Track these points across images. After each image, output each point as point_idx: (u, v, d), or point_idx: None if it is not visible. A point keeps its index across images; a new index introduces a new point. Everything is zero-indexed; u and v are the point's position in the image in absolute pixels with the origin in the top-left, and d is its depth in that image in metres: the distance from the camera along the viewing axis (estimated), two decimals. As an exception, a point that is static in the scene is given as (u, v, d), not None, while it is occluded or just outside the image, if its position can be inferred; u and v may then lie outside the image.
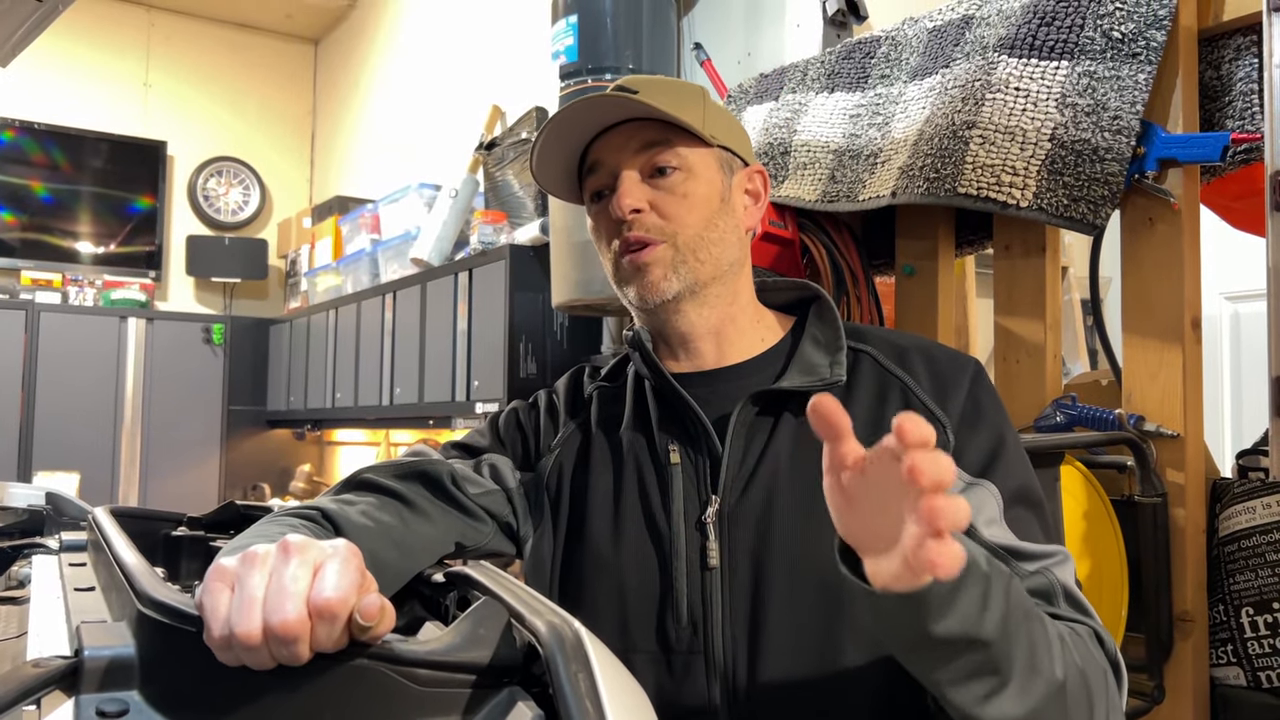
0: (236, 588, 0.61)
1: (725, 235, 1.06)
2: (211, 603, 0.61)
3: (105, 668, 0.66)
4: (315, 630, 0.60)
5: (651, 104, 1.00)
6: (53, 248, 5.18)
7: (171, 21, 5.59)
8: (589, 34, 2.70)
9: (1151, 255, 1.40)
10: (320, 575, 0.62)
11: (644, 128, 1.04)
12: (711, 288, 1.05)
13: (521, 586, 0.78)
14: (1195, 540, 1.35)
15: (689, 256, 1.03)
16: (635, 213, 1.02)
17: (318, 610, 0.59)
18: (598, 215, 1.09)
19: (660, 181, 1.04)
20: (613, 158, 1.05)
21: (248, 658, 0.60)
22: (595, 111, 1.04)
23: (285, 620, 0.58)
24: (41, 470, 4.49)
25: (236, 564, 0.63)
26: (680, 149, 1.04)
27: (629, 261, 1.04)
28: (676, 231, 1.03)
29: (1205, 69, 1.42)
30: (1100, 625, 0.88)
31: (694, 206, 1.04)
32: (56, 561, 1.24)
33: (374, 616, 0.61)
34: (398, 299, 3.69)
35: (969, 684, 0.72)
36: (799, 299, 1.14)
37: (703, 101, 1.08)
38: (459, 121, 4.03)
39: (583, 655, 0.62)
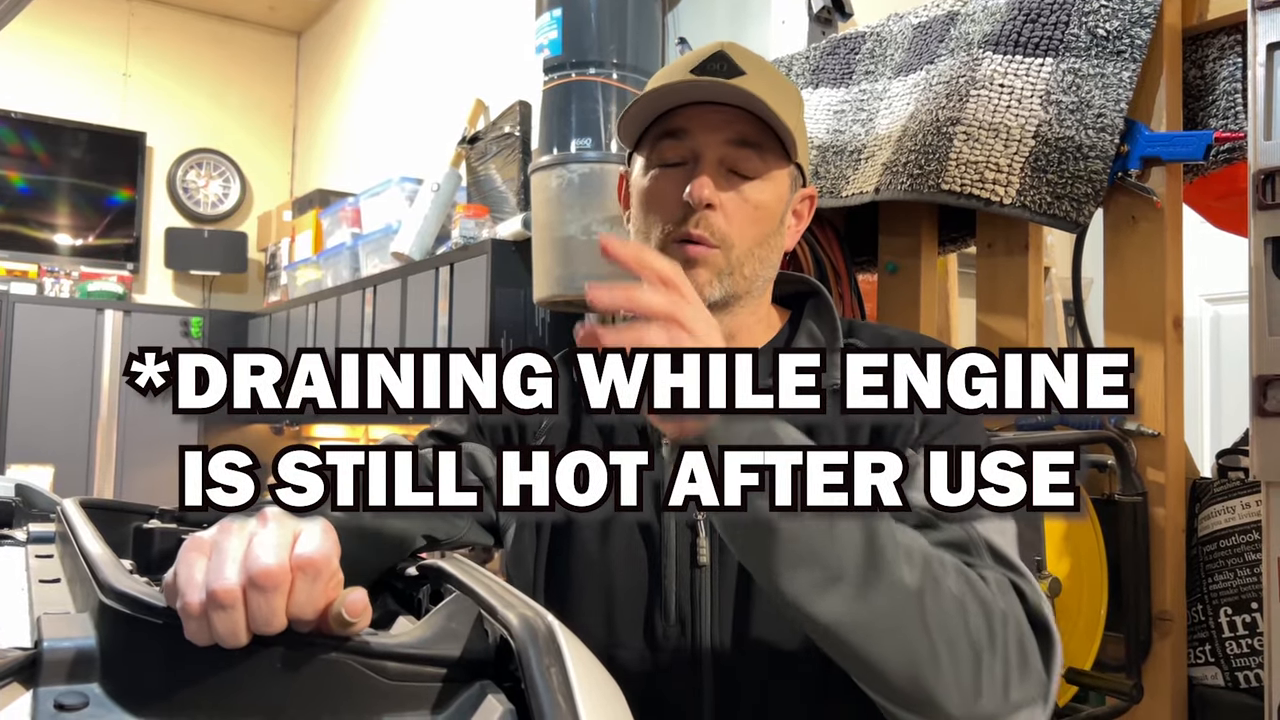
0: (214, 552, 0.60)
1: (771, 254, 1.03)
2: (186, 571, 0.60)
3: (65, 660, 0.65)
4: (296, 585, 0.59)
5: (772, 106, 0.95)
6: (29, 239, 5.13)
7: (152, 11, 5.54)
8: (573, 27, 2.68)
9: (1134, 253, 1.39)
10: (300, 537, 0.61)
11: (743, 118, 0.98)
12: (742, 300, 1.03)
13: (494, 580, 0.76)
14: (1175, 540, 1.35)
15: (736, 270, 1.00)
16: (708, 207, 0.98)
17: (301, 564, 0.59)
18: (660, 181, 1.01)
19: (739, 182, 0.99)
20: (702, 136, 0.99)
21: (221, 621, 0.58)
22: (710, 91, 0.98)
23: (267, 568, 0.58)
24: (15, 463, 4.44)
25: (213, 533, 0.62)
26: (769, 157, 1.00)
27: (682, 250, 0.99)
28: (734, 242, 0.99)
29: (1189, 68, 1.42)
30: (1030, 584, 0.85)
31: (758, 220, 1.00)
32: (23, 553, 1.22)
33: (358, 613, 0.60)
34: (378, 293, 3.66)
35: (794, 571, 0.74)
36: (797, 293, 1.12)
37: (800, 109, 1.04)
38: (442, 115, 4.01)
39: (555, 649, 0.61)
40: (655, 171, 1.02)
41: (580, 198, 2.37)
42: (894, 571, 0.75)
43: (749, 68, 0.99)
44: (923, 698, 0.77)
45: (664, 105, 1.01)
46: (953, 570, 0.79)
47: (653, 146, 1.03)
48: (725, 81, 0.96)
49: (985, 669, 0.77)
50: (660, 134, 1.02)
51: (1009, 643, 0.79)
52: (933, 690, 0.76)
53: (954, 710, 0.77)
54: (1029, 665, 0.80)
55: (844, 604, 0.74)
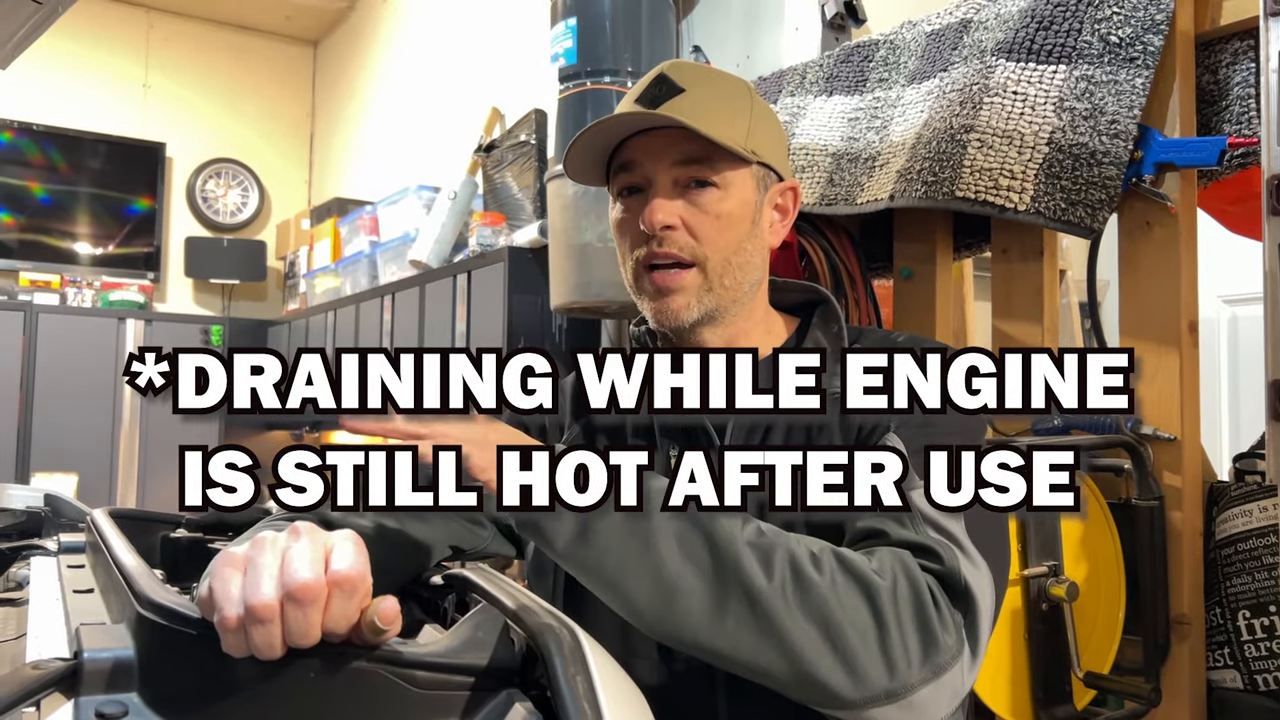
0: (249, 568, 0.61)
1: (751, 257, 1.05)
2: (221, 586, 0.61)
3: (104, 670, 0.66)
4: (331, 600, 0.60)
5: (697, 123, 0.97)
6: (51, 249, 5.18)
7: (171, 23, 5.59)
8: (588, 36, 2.70)
9: (1148, 259, 1.40)
10: (334, 553, 0.62)
11: (686, 137, 1.00)
12: (730, 310, 1.05)
13: (520, 589, 0.78)
14: (1192, 543, 1.36)
15: (715, 284, 1.02)
16: (667, 229, 1.00)
17: (337, 581, 0.60)
18: (625, 212, 1.05)
19: (695, 197, 1.01)
20: (650, 164, 1.02)
21: (259, 635, 0.59)
22: (640, 121, 1.01)
23: (304, 582, 0.59)
24: (39, 471, 4.49)
25: (247, 548, 0.63)
26: (720, 166, 1.01)
27: (653, 281, 1.02)
28: (707, 255, 1.01)
29: (1202, 73, 1.42)
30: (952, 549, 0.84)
31: (725, 228, 1.02)
32: (55, 563, 1.24)
33: (390, 620, 0.62)
34: (396, 301, 3.69)
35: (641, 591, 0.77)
36: (805, 301, 1.13)
37: (749, 110, 1.05)
38: (458, 123, 4.03)
39: (580, 658, 0.63)
40: (621, 202, 1.06)
41: (596, 205, 2.39)
42: (745, 578, 0.77)
43: (690, 85, 1.01)
44: (810, 686, 0.78)
45: (602, 142, 1.04)
46: (826, 559, 0.80)
47: (614, 179, 1.06)
48: (651, 112, 0.99)
49: (874, 649, 0.77)
50: (617, 168, 1.06)
51: (902, 618, 0.79)
52: (818, 674, 0.77)
53: (847, 693, 0.77)
54: (932, 637, 0.79)
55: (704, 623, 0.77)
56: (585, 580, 0.80)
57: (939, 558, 0.83)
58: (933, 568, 0.83)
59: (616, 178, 1.06)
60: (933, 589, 0.82)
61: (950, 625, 0.81)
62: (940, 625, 0.80)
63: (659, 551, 0.77)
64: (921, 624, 0.79)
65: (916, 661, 0.79)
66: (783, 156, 1.11)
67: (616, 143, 1.05)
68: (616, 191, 1.07)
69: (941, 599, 0.82)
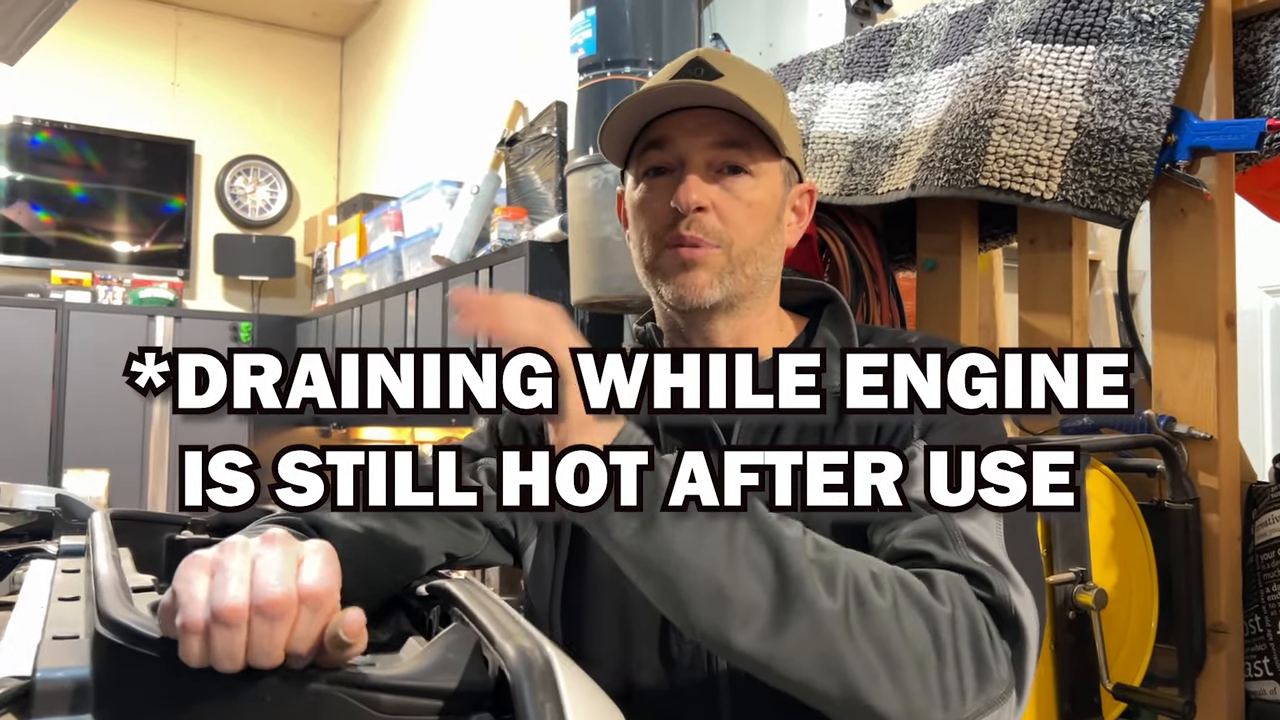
0: (216, 571, 0.59)
1: (772, 251, 1.02)
2: (186, 589, 0.58)
3: (59, 691, 0.64)
4: (299, 617, 0.57)
5: (746, 100, 0.95)
6: (85, 246, 5.23)
7: (199, 21, 5.62)
8: (607, 26, 2.66)
9: (1183, 248, 1.33)
10: (304, 566, 0.60)
11: (725, 119, 0.98)
12: (747, 300, 1.02)
13: (500, 605, 0.74)
14: (1229, 547, 1.29)
15: (738, 269, 0.99)
16: (699, 210, 0.97)
17: (305, 596, 0.58)
18: (650, 191, 1.01)
19: (729, 182, 0.99)
20: (685, 141, 0.99)
21: (222, 641, 0.56)
22: (683, 94, 0.98)
23: (274, 595, 0.56)
24: (71, 468, 4.53)
25: (215, 551, 0.61)
26: (756, 154, 0.99)
27: (676, 254, 0.98)
28: (733, 240, 0.98)
29: (1240, 52, 1.35)
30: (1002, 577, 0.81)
31: (755, 217, 0.99)
32: (52, 568, 1.22)
33: (355, 634, 0.58)
34: (420, 296, 3.67)
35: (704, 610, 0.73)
36: (815, 299, 1.09)
37: (783, 104, 1.03)
38: (482, 117, 4.00)
39: (551, 683, 0.58)
40: (645, 182, 1.02)
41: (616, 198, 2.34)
42: (810, 597, 0.73)
43: (727, 70, 0.98)
44: (861, 711, 0.74)
45: (645, 113, 1.00)
46: (888, 581, 0.76)
47: (640, 158, 1.03)
48: (702, 83, 0.96)
49: (932, 677, 0.74)
50: (645, 145, 1.02)
51: (960, 649, 0.76)
52: (873, 703, 0.73)
53: None
54: (986, 669, 0.76)
55: (759, 637, 0.72)
56: (635, 575, 0.76)
57: (990, 586, 0.80)
58: (985, 596, 0.80)
59: (643, 156, 1.02)
60: (986, 619, 0.79)
61: (1002, 657, 0.78)
62: (994, 658, 0.77)
63: (722, 555, 0.73)
64: (978, 655, 0.76)
65: (971, 694, 0.75)
66: (802, 159, 1.09)
67: (648, 120, 1.01)
68: (641, 172, 1.03)
69: (993, 629, 0.79)
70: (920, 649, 0.74)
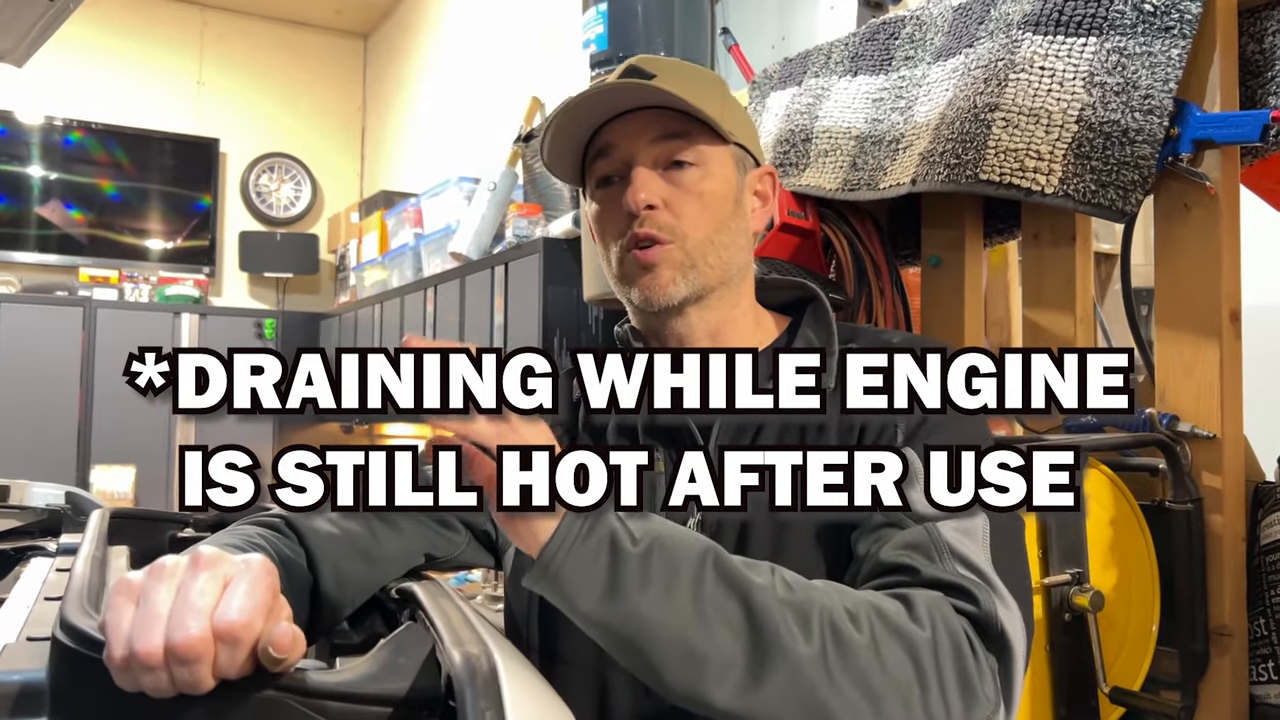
0: (141, 602, 0.59)
1: (735, 238, 1.02)
2: (115, 619, 0.59)
3: (14, 693, 0.64)
4: (218, 655, 0.57)
5: (675, 93, 0.95)
6: (117, 244, 5.30)
7: (224, 19, 5.67)
8: (619, 21, 2.65)
9: (1187, 243, 1.30)
10: (226, 595, 0.59)
11: (663, 116, 0.99)
12: (717, 292, 1.01)
13: (461, 608, 0.74)
14: (1234, 549, 1.26)
15: (699, 261, 0.99)
16: (649, 208, 0.97)
17: (219, 633, 0.57)
18: (604, 202, 1.02)
19: (676, 176, 0.99)
20: (627, 144, 1.00)
21: (147, 680, 0.57)
22: (613, 96, 0.99)
23: (188, 638, 0.56)
24: (99, 464, 4.59)
25: (143, 577, 0.61)
26: (699, 144, 0.99)
27: (635, 258, 0.99)
28: (688, 233, 0.98)
29: (1246, 42, 1.32)
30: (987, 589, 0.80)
31: (708, 206, 0.99)
32: (48, 565, 1.23)
33: (285, 649, 0.58)
34: (438, 293, 3.68)
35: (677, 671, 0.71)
36: (797, 299, 1.08)
37: (722, 94, 1.03)
38: (500, 113, 4.01)
39: (495, 691, 0.58)
40: (598, 194, 1.03)
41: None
42: (786, 644, 0.71)
43: (660, 71, 0.99)
44: None
45: (582, 125, 1.01)
46: (864, 614, 0.74)
47: (591, 171, 1.03)
48: (632, 81, 0.96)
49: (916, 707, 0.73)
50: (594, 157, 1.02)
51: (944, 673, 0.74)
52: None
53: None
54: (971, 690, 0.75)
55: (738, 692, 0.71)
56: (605, 643, 0.74)
57: (974, 599, 0.79)
58: (968, 610, 0.78)
59: (593, 168, 1.03)
60: (969, 635, 0.77)
61: (987, 674, 0.77)
62: (979, 677, 0.76)
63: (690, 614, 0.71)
64: (962, 677, 0.75)
65: (958, 717, 0.74)
66: (757, 142, 1.09)
67: (591, 132, 1.02)
68: (594, 184, 1.04)
69: (978, 646, 0.77)
70: (902, 680, 0.73)
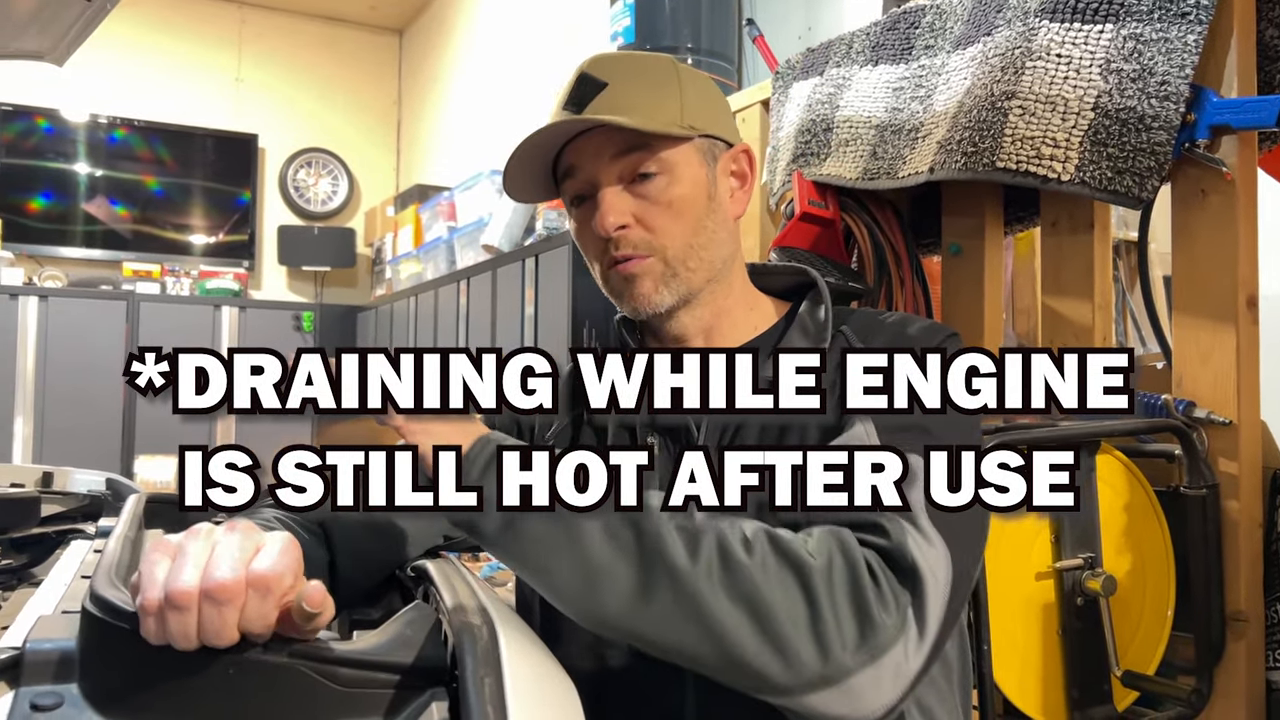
0: (178, 555, 0.62)
1: (715, 234, 1.02)
2: (149, 570, 0.62)
3: (47, 661, 0.67)
4: (248, 601, 0.60)
5: (625, 120, 0.95)
6: (160, 239, 5.40)
7: (262, 17, 5.75)
8: (646, 14, 2.66)
9: (1204, 229, 1.30)
10: (260, 553, 0.62)
11: (622, 129, 0.98)
12: (704, 291, 1.02)
13: (470, 584, 0.76)
14: (1250, 534, 1.26)
15: (679, 269, 0.99)
16: (620, 229, 0.98)
17: (252, 580, 0.60)
18: (580, 220, 1.03)
19: (643, 189, 0.99)
20: (589, 165, 1.00)
21: (175, 624, 0.59)
22: (563, 129, 0.99)
23: (223, 580, 0.59)
24: (143, 454, 4.69)
25: (181, 536, 0.64)
26: (661, 151, 0.98)
27: (618, 273, 1.00)
28: (665, 245, 0.99)
29: (1266, 26, 1.31)
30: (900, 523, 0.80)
31: (680, 213, 0.99)
32: (87, 547, 1.28)
33: (319, 604, 0.61)
34: (471, 285, 3.73)
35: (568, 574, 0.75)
36: (796, 285, 1.09)
37: (678, 86, 1.02)
38: (531, 106, 4.04)
39: (494, 659, 0.61)
40: (575, 213, 1.04)
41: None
42: (671, 559, 0.74)
43: (611, 75, 0.98)
44: (739, 670, 0.75)
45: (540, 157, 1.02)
46: (758, 541, 0.77)
47: (563, 190, 1.04)
48: (575, 117, 0.97)
49: (805, 631, 0.74)
50: (562, 177, 1.03)
51: (836, 600, 0.75)
52: (748, 660, 0.74)
53: (779, 678, 0.74)
54: (868, 618, 0.75)
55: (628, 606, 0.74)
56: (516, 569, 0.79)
57: (884, 532, 0.79)
58: (876, 543, 0.79)
59: (564, 186, 1.04)
60: (873, 566, 0.78)
61: (892, 605, 0.77)
62: (880, 605, 0.76)
63: (583, 535, 0.75)
64: (858, 605, 0.76)
65: (852, 644, 0.75)
66: (727, 123, 1.07)
67: (554, 155, 1.03)
68: (568, 202, 1.05)
69: (883, 577, 0.78)
70: (790, 602, 0.74)
